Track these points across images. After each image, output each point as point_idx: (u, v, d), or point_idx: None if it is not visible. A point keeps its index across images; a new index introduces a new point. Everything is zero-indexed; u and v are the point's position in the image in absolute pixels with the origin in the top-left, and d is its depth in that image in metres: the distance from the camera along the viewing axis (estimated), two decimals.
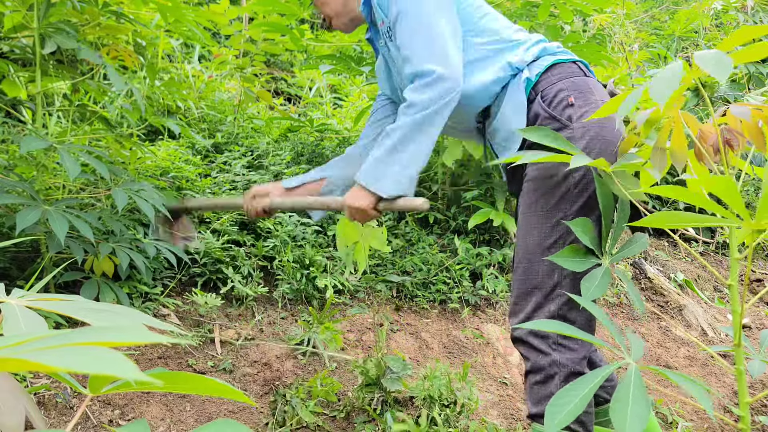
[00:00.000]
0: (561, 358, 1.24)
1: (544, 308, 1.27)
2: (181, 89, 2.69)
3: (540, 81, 1.35)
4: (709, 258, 3.62)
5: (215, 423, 0.49)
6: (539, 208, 1.30)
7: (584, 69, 1.38)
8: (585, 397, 0.96)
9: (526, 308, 1.30)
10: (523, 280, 1.32)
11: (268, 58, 4.73)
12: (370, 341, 2.27)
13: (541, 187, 1.31)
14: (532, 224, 1.31)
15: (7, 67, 1.92)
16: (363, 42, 2.96)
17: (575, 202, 1.27)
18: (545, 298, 1.27)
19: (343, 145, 3.27)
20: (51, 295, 0.59)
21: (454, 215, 2.89)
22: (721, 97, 3.67)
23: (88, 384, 0.54)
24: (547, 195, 1.29)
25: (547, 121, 1.32)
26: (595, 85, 1.36)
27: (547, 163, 1.29)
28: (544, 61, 1.37)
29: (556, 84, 1.33)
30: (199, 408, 1.79)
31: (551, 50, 1.40)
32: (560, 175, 1.28)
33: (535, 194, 1.32)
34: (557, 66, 1.35)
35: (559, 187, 1.28)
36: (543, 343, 1.26)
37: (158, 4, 1.99)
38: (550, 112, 1.32)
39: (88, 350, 0.33)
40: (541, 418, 1.25)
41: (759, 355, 1.44)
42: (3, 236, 1.90)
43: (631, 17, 5.11)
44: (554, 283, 1.27)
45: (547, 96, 1.33)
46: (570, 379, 1.23)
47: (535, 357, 1.27)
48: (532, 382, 1.28)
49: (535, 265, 1.30)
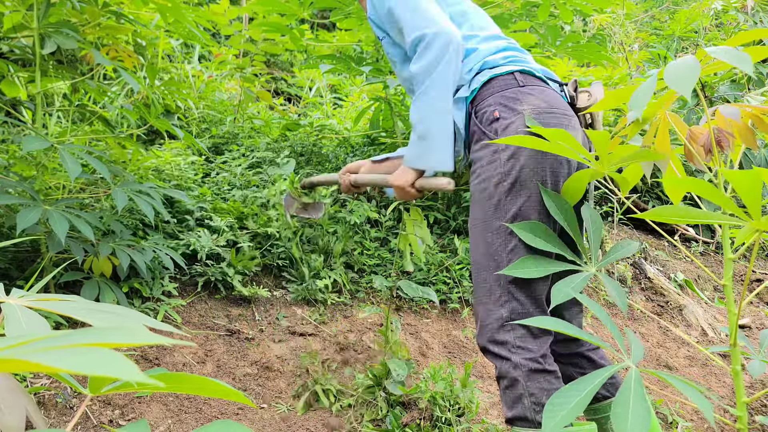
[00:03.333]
0: (519, 360, 1.27)
1: (495, 315, 1.30)
2: (181, 89, 2.69)
3: (475, 97, 1.40)
4: (709, 258, 3.62)
5: (215, 423, 0.49)
6: (479, 221, 1.35)
7: (520, 78, 1.37)
8: (582, 400, 0.96)
9: (480, 317, 1.34)
10: (476, 291, 1.36)
11: (268, 58, 4.73)
12: (371, 341, 2.27)
13: (477, 201, 1.36)
14: (477, 238, 1.36)
15: (7, 67, 1.92)
16: (363, 42, 2.96)
17: (509, 210, 1.30)
18: (494, 304, 1.31)
19: (343, 145, 3.27)
20: (51, 295, 0.59)
21: (454, 215, 2.89)
22: (720, 97, 3.67)
23: (88, 384, 0.54)
24: (483, 207, 1.34)
25: (480, 136, 1.36)
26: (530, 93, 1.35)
27: (480, 176, 1.34)
28: (482, 76, 1.40)
29: (486, 99, 1.37)
30: (199, 408, 1.79)
31: (492, 63, 1.41)
32: (491, 186, 1.32)
33: (474, 208, 1.37)
34: (492, 80, 1.38)
35: (491, 198, 1.32)
36: (503, 348, 1.29)
37: (158, 4, 1.99)
38: (481, 128, 1.36)
39: (89, 351, 0.33)
40: (518, 421, 1.27)
41: (759, 355, 1.44)
42: (3, 236, 1.90)
43: (631, 17, 5.11)
44: (501, 291, 1.30)
45: (479, 112, 1.38)
46: (533, 378, 1.25)
47: (499, 363, 1.30)
48: (503, 387, 1.31)
49: (483, 274, 1.34)
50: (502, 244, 1.31)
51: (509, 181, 1.30)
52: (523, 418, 1.25)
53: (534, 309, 1.30)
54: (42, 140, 1.62)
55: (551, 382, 1.26)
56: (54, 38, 1.76)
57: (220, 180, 2.74)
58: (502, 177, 1.30)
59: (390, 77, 2.69)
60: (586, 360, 1.47)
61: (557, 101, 1.36)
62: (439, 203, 2.93)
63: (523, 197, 1.29)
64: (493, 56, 1.43)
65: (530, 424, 1.24)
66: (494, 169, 1.31)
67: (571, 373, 1.46)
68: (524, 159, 1.29)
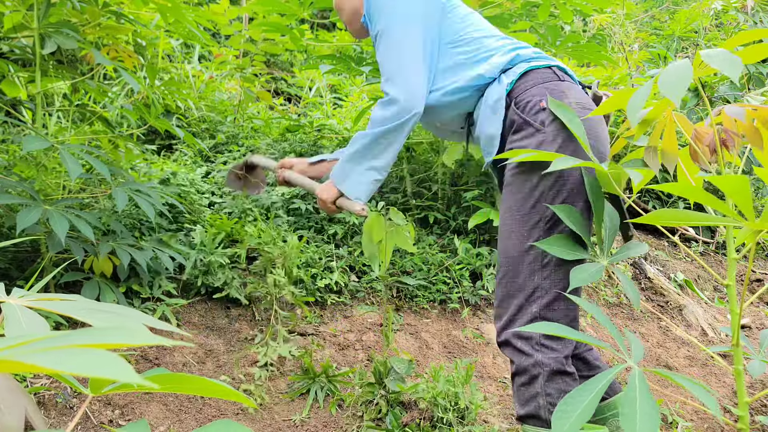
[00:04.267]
0: (543, 358, 1.26)
1: (526, 310, 1.29)
2: (181, 89, 2.69)
3: (514, 88, 1.39)
4: (709, 258, 3.62)
5: (215, 423, 0.49)
6: (516, 212, 1.33)
7: (558, 73, 1.40)
8: (590, 404, 0.96)
9: (508, 311, 1.33)
10: (505, 284, 1.34)
11: (268, 58, 4.73)
12: (370, 341, 2.27)
13: (517, 191, 1.34)
14: (511, 228, 1.34)
15: (7, 67, 1.92)
16: (363, 42, 2.96)
17: (552, 203, 1.29)
18: (526, 300, 1.29)
19: (343, 145, 3.27)
20: (51, 295, 0.59)
21: (454, 215, 2.89)
22: (720, 97, 3.67)
23: (88, 384, 0.54)
24: (524, 198, 1.32)
25: (522, 126, 1.35)
26: (571, 87, 1.38)
27: (523, 166, 1.32)
28: (518, 68, 1.41)
29: (529, 90, 1.36)
30: (200, 408, 1.79)
31: (526, 57, 1.43)
32: (535, 178, 1.30)
33: (512, 198, 1.35)
34: (531, 72, 1.39)
35: (534, 190, 1.31)
36: (526, 344, 1.28)
37: (158, 4, 1.99)
38: (524, 117, 1.35)
39: (87, 352, 0.33)
40: (529, 419, 1.26)
41: (759, 355, 1.44)
42: (3, 236, 1.90)
43: (631, 17, 5.11)
44: (535, 286, 1.29)
45: (520, 102, 1.37)
46: (553, 378, 1.24)
47: (519, 359, 1.29)
48: (518, 383, 1.30)
49: (515, 268, 1.32)
50: (540, 238, 1.29)
51: (555, 174, 1.28)
52: (535, 417, 1.25)
53: (564, 306, 1.29)
54: (42, 140, 1.62)
55: (569, 384, 1.25)
56: (54, 38, 1.76)
57: (220, 180, 2.74)
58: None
59: None
60: (581, 361, 1.46)
61: (588, 100, 1.39)
62: (439, 203, 2.93)
63: (566, 191, 1.29)
64: (523, 51, 1.45)
65: (542, 424, 1.24)
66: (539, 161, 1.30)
67: None
68: (572, 152, 1.28)
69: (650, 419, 0.90)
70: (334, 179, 1.52)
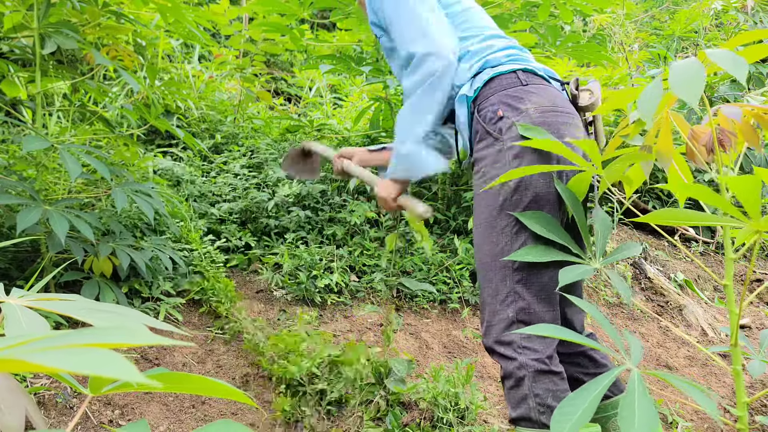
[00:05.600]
0: (526, 360, 1.26)
1: (502, 315, 1.30)
2: (181, 89, 2.69)
3: (478, 96, 1.39)
4: (709, 258, 3.62)
5: (215, 423, 0.49)
6: (484, 220, 1.34)
7: (522, 77, 1.37)
8: (590, 406, 0.96)
9: (486, 318, 1.34)
10: (482, 291, 1.36)
11: (268, 58, 4.73)
12: (371, 341, 2.27)
13: (482, 201, 1.35)
14: (482, 236, 1.35)
15: (7, 67, 1.92)
16: (363, 42, 2.96)
17: (515, 209, 1.30)
18: (500, 304, 1.31)
19: (343, 145, 3.27)
20: (51, 295, 0.59)
21: (454, 215, 2.89)
22: (720, 97, 3.67)
23: (88, 384, 0.54)
24: (488, 208, 1.33)
25: (484, 135, 1.36)
26: (537, 90, 1.35)
27: (485, 175, 1.33)
28: (484, 74, 1.39)
29: (489, 98, 1.36)
30: (200, 408, 1.79)
31: (493, 61, 1.41)
32: (496, 187, 1.31)
33: (478, 208, 1.36)
34: (494, 79, 1.37)
35: (496, 199, 1.32)
36: (508, 349, 1.29)
37: (158, 4, 1.99)
38: (485, 127, 1.35)
39: (88, 352, 0.33)
40: (522, 422, 1.27)
41: (758, 355, 1.44)
42: (3, 236, 1.90)
43: (631, 17, 5.11)
44: (507, 290, 1.30)
45: (482, 111, 1.37)
46: (539, 379, 1.25)
47: (504, 363, 1.30)
48: (507, 387, 1.31)
49: (489, 275, 1.33)
50: (507, 243, 1.30)
51: (515, 180, 1.29)
52: (527, 419, 1.25)
53: (540, 308, 1.30)
54: (42, 140, 1.62)
55: (556, 383, 1.26)
56: (54, 38, 1.76)
57: (220, 181, 2.74)
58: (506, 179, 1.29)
59: (390, 77, 2.69)
60: (588, 359, 1.46)
61: (560, 100, 1.36)
62: (439, 203, 2.93)
63: (529, 196, 1.29)
64: (494, 55, 1.42)
65: (534, 425, 1.24)
66: (499, 168, 1.30)
67: (572, 373, 1.45)
68: (530, 157, 1.28)
69: (648, 422, 0.90)
70: (389, 173, 1.49)
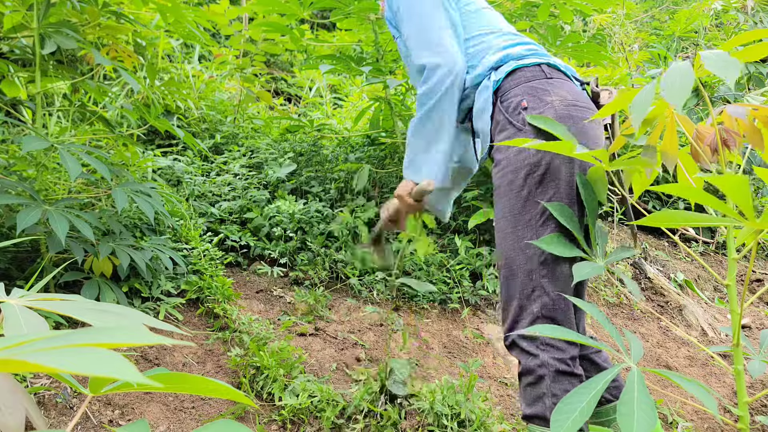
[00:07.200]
0: (548, 359, 1.25)
1: (527, 310, 1.29)
2: (181, 89, 2.69)
3: (500, 87, 1.39)
4: (709, 258, 3.62)
5: (215, 423, 0.49)
6: (507, 213, 1.33)
7: (547, 71, 1.39)
8: (589, 404, 0.96)
9: (511, 313, 1.32)
10: (506, 286, 1.34)
11: (268, 58, 4.73)
12: (370, 341, 2.27)
13: (506, 193, 1.34)
14: (505, 230, 1.34)
15: (7, 67, 1.92)
16: (363, 42, 2.96)
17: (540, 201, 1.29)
18: (527, 299, 1.29)
19: (343, 145, 3.27)
20: (51, 295, 0.59)
21: (454, 215, 2.89)
22: (721, 97, 3.67)
23: (88, 384, 0.54)
24: (512, 199, 1.32)
25: (506, 125, 1.35)
26: (558, 85, 1.36)
27: (507, 167, 1.33)
28: (507, 66, 1.40)
29: (513, 89, 1.37)
30: (200, 408, 1.79)
31: (516, 55, 1.42)
32: (520, 178, 1.30)
33: (501, 201, 1.35)
34: (518, 71, 1.38)
35: (522, 190, 1.30)
36: (531, 345, 1.28)
37: (158, 4, 1.99)
38: (507, 117, 1.35)
39: (88, 352, 0.33)
40: (535, 419, 1.26)
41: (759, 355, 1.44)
42: (3, 236, 1.90)
43: (631, 17, 5.11)
44: (534, 285, 1.29)
45: (505, 101, 1.37)
46: (559, 379, 1.24)
47: (525, 359, 1.29)
48: (525, 383, 1.29)
49: (513, 269, 1.32)
50: (533, 237, 1.29)
51: (539, 172, 1.28)
52: (541, 417, 1.24)
53: (563, 305, 1.29)
54: (42, 140, 1.62)
55: (575, 386, 1.24)
56: (54, 38, 1.76)
57: (220, 181, 2.74)
58: (532, 168, 1.28)
59: (390, 77, 2.69)
60: (589, 362, 1.46)
61: (582, 96, 1.37)
62: None
63: (553, 188, 1.28)
64: (515, 48, 1.44)
65: (547, 424, 1.23)
66: (523, 160, 1.29)
67: None
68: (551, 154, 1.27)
69: (648, 419, 0.90)
70: (404, 174, 1.52)
